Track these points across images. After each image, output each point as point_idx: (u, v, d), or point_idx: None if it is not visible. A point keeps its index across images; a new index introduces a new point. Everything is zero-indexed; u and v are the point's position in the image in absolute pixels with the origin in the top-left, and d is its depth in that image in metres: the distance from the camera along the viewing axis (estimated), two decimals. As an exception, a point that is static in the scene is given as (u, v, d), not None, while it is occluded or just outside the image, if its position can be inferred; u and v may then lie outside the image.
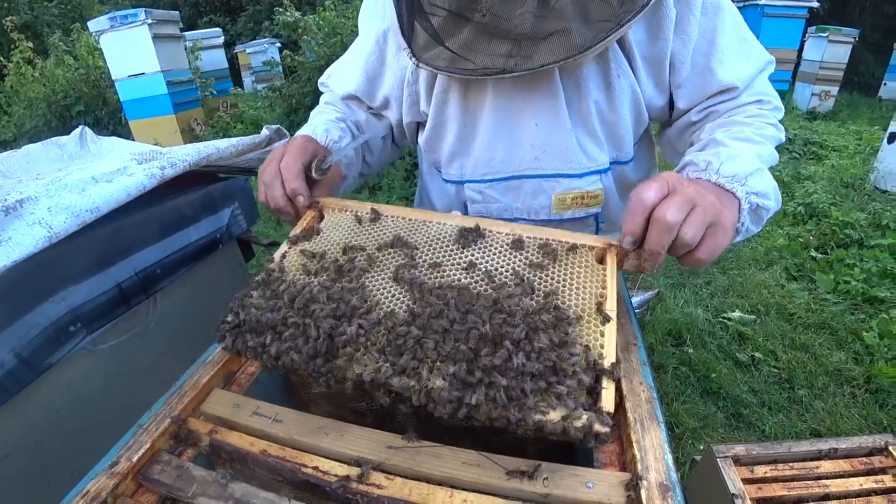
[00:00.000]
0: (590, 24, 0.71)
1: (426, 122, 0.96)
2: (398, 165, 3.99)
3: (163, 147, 1.28)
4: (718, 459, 1.05)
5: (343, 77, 1.07)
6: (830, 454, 1.07)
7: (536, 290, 0.65)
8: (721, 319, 2.41)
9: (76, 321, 0.95)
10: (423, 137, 0.99)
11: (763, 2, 6.34)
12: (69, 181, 0.98)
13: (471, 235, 0.72)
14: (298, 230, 0.77)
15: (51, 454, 0.91)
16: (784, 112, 0.91)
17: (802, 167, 4.62)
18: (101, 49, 5.59)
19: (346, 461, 0.58)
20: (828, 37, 6.79)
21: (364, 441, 0.60)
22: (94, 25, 5.37)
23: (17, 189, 0.98)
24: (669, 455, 0.56)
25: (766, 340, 2.25)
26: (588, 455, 0.62)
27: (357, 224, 0.77)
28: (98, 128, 6.05)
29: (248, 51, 11.04)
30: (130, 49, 5.33)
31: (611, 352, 0.59)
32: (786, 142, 1.03)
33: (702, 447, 1.70)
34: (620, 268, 0.71)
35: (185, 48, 6.12)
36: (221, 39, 7.95)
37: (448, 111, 0.91)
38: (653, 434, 0.58)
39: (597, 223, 1.00)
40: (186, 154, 1.15)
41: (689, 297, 2.59)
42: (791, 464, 1.06)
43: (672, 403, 1.92)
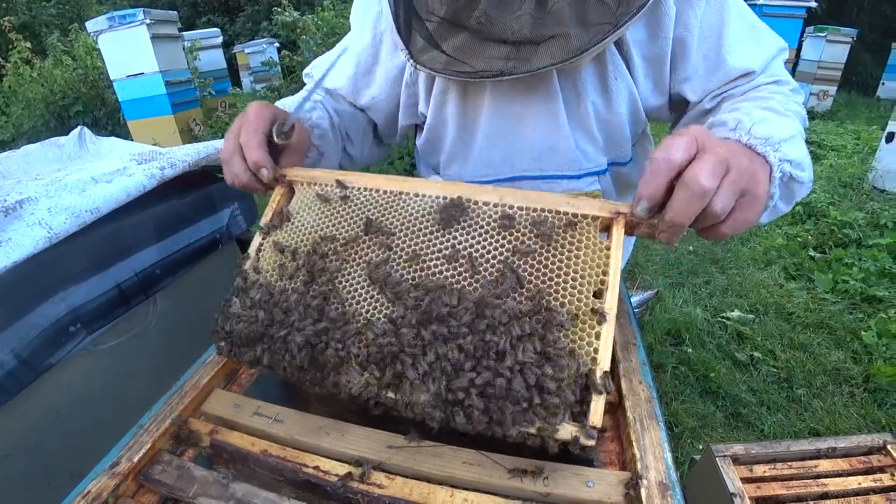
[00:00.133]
0: (587, 27, 0.70)
1: (424, 124, 0.96)
2: (397, 166, 3.99)
3: (162, 147, 1.28)
4: (717, 459, 1.05)
5: (331, 73, 1.01)
6: (829, 453, 1.08)
7: (526, 286, 0.59)
8: (720, 319, 2.42)
9: (76, 322, 0.95)
10: (422, 139, 0.99)
11: (761, 1, 6.34)
12: (69, 181, 0.99)
13: (453, 211, 0.65)
14: (269, 216, 0.73)
15: (51, 454, 0.91)
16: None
17: (801, 167, 4.60)
18: (100, 49, 5.58)
19: (347, 461, 0.58)
20: (826, 37, 6.80)
21: (365, 441, 0.60)
22: (93, 25, 5.35)
23: (17, 189, 0.98)
24: (669, 454, 0.56)
25: (765, 340, 2.26)
26: (588, 454, 0.62)
27: (327, 204, 0.71)
28: (96, 128, 6.03)
29: (247, 51, 11.03)
30: (129, 49, 5.31)
31: (605, 358, 0.55)
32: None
33: (701, 447, 1.71)
34: (631, 234, 0.63)
35: (184, 48, 6.10)
36: (220, 39, 7.94)
37: (446, 113, 0.91)
38: (652, 433, 0.58)
39: None
40: (186, 154, 1.15)
41: (689, 297, 2.60)
42: (790, 463, 1.06)
43: (671, 403, 1.92)
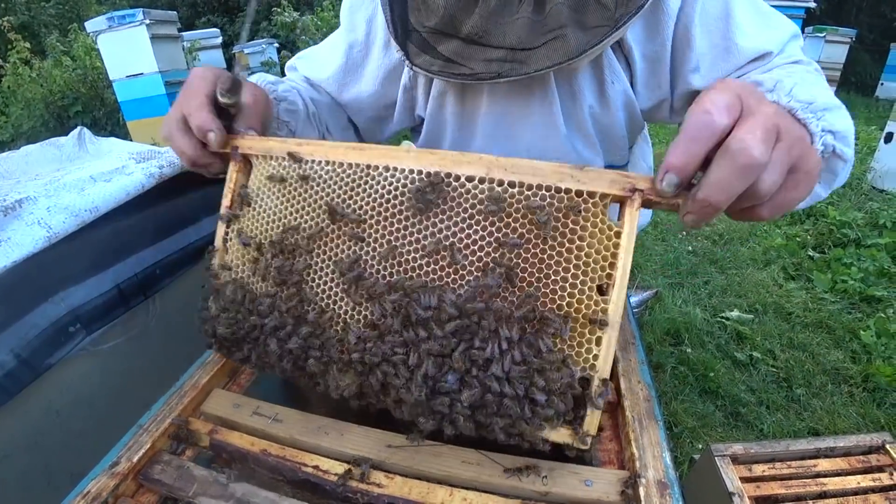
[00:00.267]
0: (586, 29, 0.69)
1: (422, 127, 0.95)
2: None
3: (161, 147, 1.28)
4: (717, 458, 1.05)
5: (316, 63, 0.98)
6: (828, 452, 1.08)
7: (517, 284, 0.53)
8: (719, 319, 2.42)
9: (76, 322, 0.95)
10: (420, 142, 0.99)
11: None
12: (68, 181, 0.99)
13: (430, 196, 0.55)
14: (227, 201, 0.68)
15: (51, 454, 0.91)
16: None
17: (800, 167, 4.61)
18: (99, 49, 5.57)
19: (347, 460, 0.58)
20: (825, 37, 6.81)
21: (364, 440, 0.61)
22: (92, 26, 5.35)
23: (16, 189, 0.98)
24: (668, 453, 0.56)
25: (764, 340, 2.26)
26: (587, 453, 0.63)
27: (284, 184, 0.63)
28: (96, 128, 6.03)
29: (247, 51, 11.03)
30: (128, 49, 5.31)
31: (605, 366, 0.51)
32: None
33: (700, 446, 1.71)
34: (649, 207, 0.50)
35: (183, 48, 6.10)
36: (219, 40, 7.95)
37: (444, 116, 0.90)
38: (651, 432, 0.59)
39: None
40: (185, 154, 1.15)
41: (688, 297, 2.60)
42: (789, 462, 1.06)
43: (671, 403, 1.92)
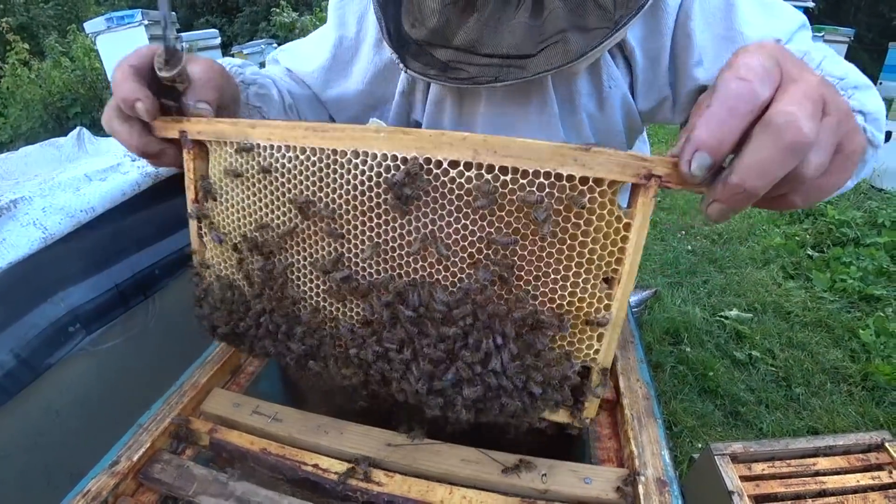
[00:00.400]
0: (585, 31, 0.67)
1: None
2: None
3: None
4: (716, 457, 1.05)
5: (300, 56, 0.94)
6: (827, 451, 1.08)
7: (514, 283, 0.49)
8: (718, 318, 2.42)
9: (75, 322, 0.95)
10: None
11: (759, 2, 6.36)
12: (62, 179, 0.98)
13: (408, 190, 0.47)
14: (191, 194, 0.62)
15: (50, 454, 0.91)
16: None
17: (799, 166, 4.62)
18: (98, 50, 5.58)
19: (346, 459, 0.59)
20: (823, 36, 6.81)
21: (363, 439, 0.61)
22: (91, 27, 5.37)
23: (11, 189, 0.97)
24: (666, 451, 0.56)
25: (764, 339, 2.26)
26: (586, 451, 0.63)
27: (246, 179, 0.57)
28: (95, 129, 5.96)
29: (246, 51, 10.97)
30: (127, 50, 5.05)
31: (607, 357, 0.50)
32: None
33: (700, 445, 1.71)
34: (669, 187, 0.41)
35: (182, 49, 6.10)
36: (218, 40, 7.93)
37: (442, 121, 0.89)
38: (650, 430, 0.59)
39: None
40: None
41: (687, 296, 2.60)
42: (788, 461, 1.06)
43: (670, 402, 1.93)
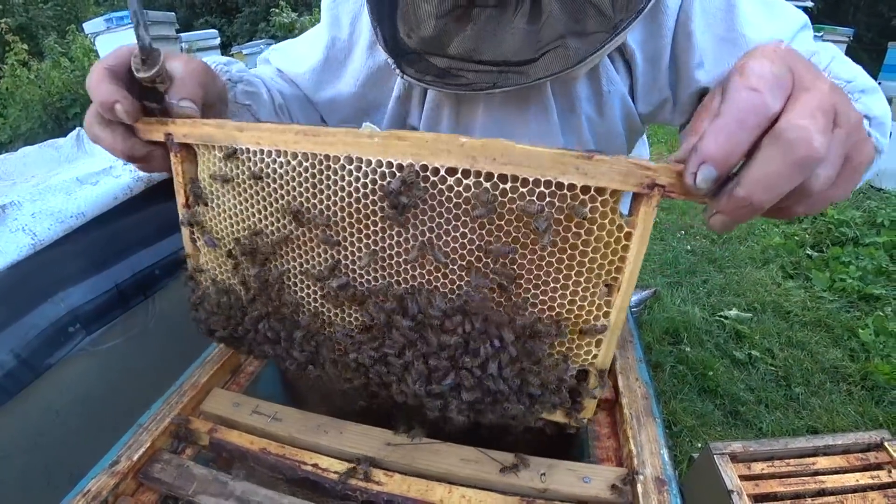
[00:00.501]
0: (584, 36, 0.66)
1: None
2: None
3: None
4: (716, 456, 1.06)
5: (292, 57, 0.92)
6: (827, 450, 1.08)
7: (513, 291, 0.48)
8: (718, 318, 2.42)
9: (75, 322, 0.96)
10: None
11: (758, 1, 6.37)
12: (54, 182, 0.97)
13: (405, 199, 0.45)
14: (181, 198, 0.61)
15: (50, 454, 0.91)
16: None
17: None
18: (97, 51, 5.58)
19: (346, 458, 0.59)
20: (822, 36, 6.81)
21: (363, 438, 0.61)
22: (90, 27, 5.37)
23: (5, 193, 0.97)
24: (665, 450, 0.56)
25: (763, 338, 2.26)
26: (585, 450, 0.63)
27: (237, 185, 0.55)
28: (94, 130, 6.01)
29: (245, 52, 10.98)
30: None
31: (605, 361, 0.51)
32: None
33: (700, 445, 1.71)
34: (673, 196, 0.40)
35: (182, 49, 6.11)
36: (218, 41, 7.93)
37: (440, 127, 0.88)
38: (649, 429, 0.59)
39: None
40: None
41: (687, 296, 2.60)
42: (787, 460, 1.06)
43: (670, 402, 1.93)
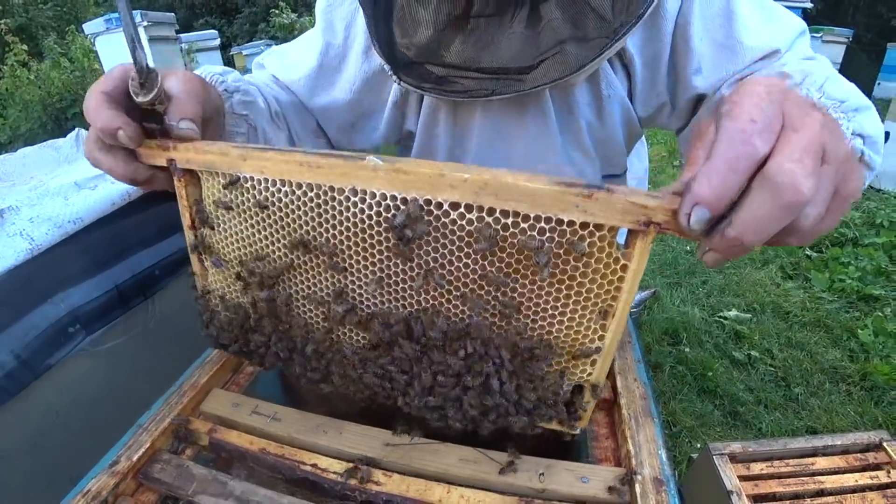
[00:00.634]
0: (583, 42, 0.65)
1: (407, 140, 0.92)
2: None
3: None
4: (715, 457, 1.06)
5: (286, 63, 0.90)
6: (826, 451, 1.08)
7: (513, 317, 0.50)
8: (717, 318, 2.42)
9: (75, 322, 0.96)
10: (412, 156, 0.95)
11: (757, 2, 6.37)
12: (52, 186, 0.98)
13: (409, 232, 0.46)
14: (186, 220, 0.60)
15: (50, 455, 0.91)
16: None
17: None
18: (97, 51, 5.58)
19: (345, 458, 0.59)
20: (821, 37, 6.82)
21: (362, 438, 0.61)
22: (90, 27, 5.38)
23: (3, 195, 0.97)
24: (664, 450, 0.57)
25: (762, 339, 2.26)
26: (583, 450, 0.63)
27: (242, 213, 0.56)
28: (94, 130, 6.01)
29: (245, 52, 11.00)
30: (126, 51, 5.30)
31: (600, 376, 0.52)
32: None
33: (699, 445, 1.71)
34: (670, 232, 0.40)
35: (181, 50, 6.11)
36: (217, 41, 7.94)
37: (437, 132, 0.87)
38: (647, 430, 0.59)
39: None
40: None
41: (686, 297, 2.60)
42: (787, 461, 1.06)
43: (669, 402, 1.93)
